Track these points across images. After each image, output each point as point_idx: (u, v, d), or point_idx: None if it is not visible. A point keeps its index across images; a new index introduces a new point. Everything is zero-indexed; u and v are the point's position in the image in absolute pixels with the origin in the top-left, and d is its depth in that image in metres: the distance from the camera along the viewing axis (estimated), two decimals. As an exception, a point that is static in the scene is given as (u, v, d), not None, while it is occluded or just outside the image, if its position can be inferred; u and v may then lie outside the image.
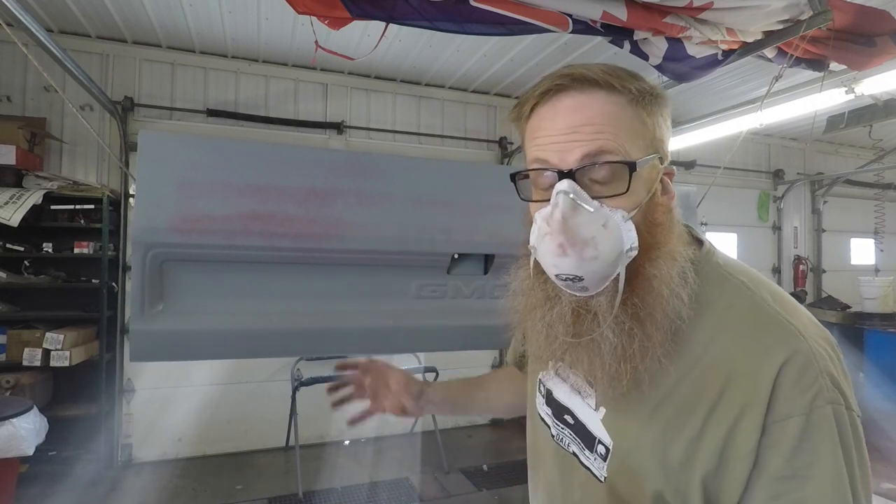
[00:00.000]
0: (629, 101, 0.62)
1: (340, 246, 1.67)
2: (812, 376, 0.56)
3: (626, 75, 0.63)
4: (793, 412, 0.55)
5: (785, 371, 0.56)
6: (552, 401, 0.79)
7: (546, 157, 0.63)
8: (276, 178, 1.62)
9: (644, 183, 0.62)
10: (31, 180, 3.51)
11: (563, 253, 0.60)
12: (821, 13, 2.06)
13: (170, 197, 1.49)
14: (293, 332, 1.68)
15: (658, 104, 0.64)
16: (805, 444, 0.54)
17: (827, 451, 0.54)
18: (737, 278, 0.65)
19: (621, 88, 0.61)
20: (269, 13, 3.51)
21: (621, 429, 0.66)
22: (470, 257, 1.83)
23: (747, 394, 0.57)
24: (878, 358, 5.21)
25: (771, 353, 0.57)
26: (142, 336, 1.50)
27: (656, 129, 0.64)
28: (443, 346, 2.11)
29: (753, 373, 0.57)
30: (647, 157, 0.62)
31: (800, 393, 0.55)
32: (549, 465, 0.79)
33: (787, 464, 0.55)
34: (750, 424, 0.56)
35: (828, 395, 0.55)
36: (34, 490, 3.30)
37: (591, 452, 0.70)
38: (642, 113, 0.63)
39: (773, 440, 0.55)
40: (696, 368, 0.61)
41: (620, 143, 0.60)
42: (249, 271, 1.61)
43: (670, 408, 0.62)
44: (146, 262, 1.48)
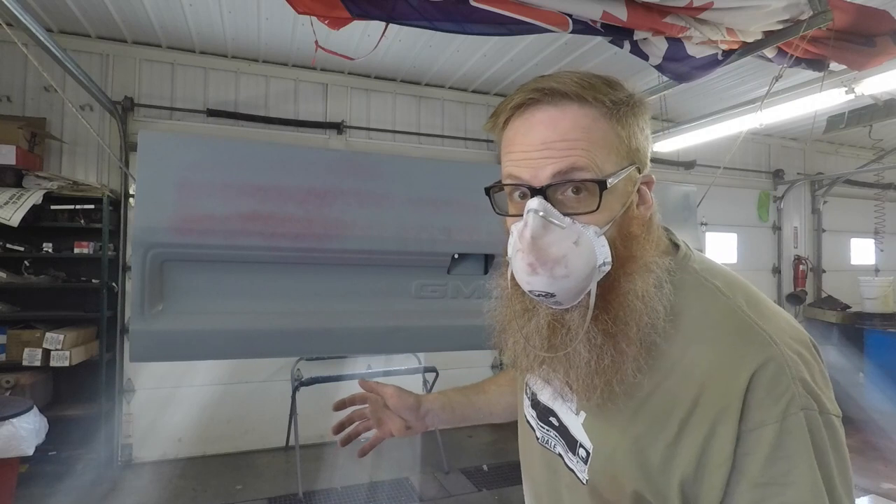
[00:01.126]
0: (602, 114, 0.61)
1: (340, 246, 1.67)
2: (784, 384, 0.56)
3: (601, 86, 0.62)
4: (767, 420, 0.56)
5: (757, 379, 0.57)
6: (537, 404, 0.79)
7: (518, 174, 0.63)
8: (276, 178, 1.62)
9: (618, 197, 0.62)
10: (31, 180, 3.51)
11: (533, 272, 0.61)
12: (821, 13, 2.06)
13: (170, 197, 1.49)
14: (293, 332, 1.68)
15: (635, 114, 0.64)
16: (780, 451, 0.55)
17: (802, 457, 0.55)
18: (712, 283, 0.66)
19: (594, 101, 0.61)
20: (269, 13, 3.51)
21: (601, 433, 0.67)
22: (470, 257, 1.83)
23: (721, 402, 0.57)
24: (878, 358, 5.21)
25: (743, 361, 0.58)
26: (142, 336, 1.50)
27: (632, 139, 0.63)
28: (443, 346, 2.11)
29: (726, 381, 0.58)
30: (621, 170, 0.62)
31: (773, 401, 0.56)
32: (537, 467, 0.80)
33: (765, 471, 0.55)
34: (725, 432, 0.57)
35: (800, 402, 0.56)
36: (34, 490, 3.30)
37: (574, 455, 0.71)
38: (616, 126, 0.62)
39: (749, 448, 0.56)
40: (671, 376, 0.62)
41: (593, 158, 0.60)
42: (249, 271, 1.61)
43: (648, 413, 0.62)
44: (146, 262, 1.48)
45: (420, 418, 1.00)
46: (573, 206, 0.61)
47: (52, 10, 3.51)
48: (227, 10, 3.50)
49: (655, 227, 0.69)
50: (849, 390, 5.09)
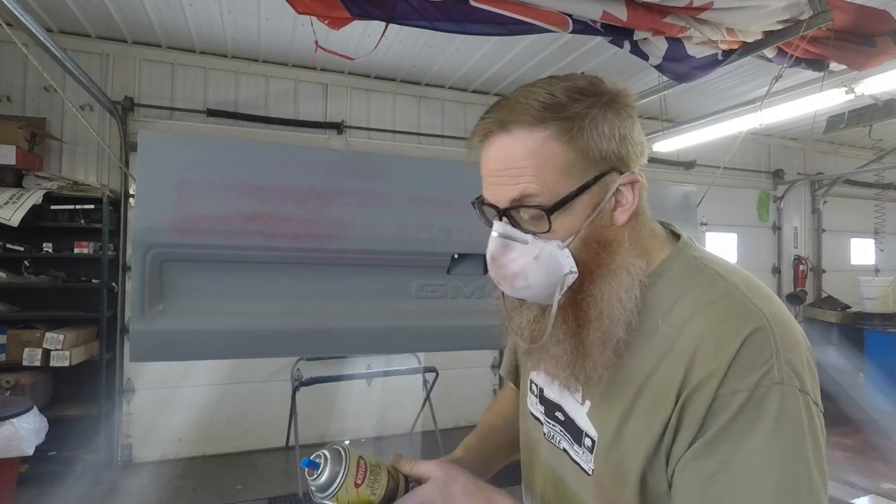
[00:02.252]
0: (555, 134, 0.62)
1: (340, 246, 1.67)
2: (766, 356, 0.58)
3: (562, 102, 0.62)
4: (739, 388, 0.57)
5: (742, 350, 0.58)
6: (544, 399, 0.80)
7: (486, 195, 0.68)
8: (276, 178, 1.62)
9: (581, 210, 0.64)
10: (31, 180, 3.51)
11: (500, 283, 0.69)
12: (821, 13, 2.06)
13: (170, 197, 1.50)
14: (293, 332, 1.68)
15: (606, 119, 0.63)
16: (742, 416, 0.56)
17: (765, 425, 0.56)
18: (710, 268, 0.67)
19: (542, 123, 0.62)
20: (269, 13, 3.51)
21: (605, 420, 0.68)
22: (470, 257, 1.83)
23: (706, 370, 0.59)
24: (878, 358, 5.21)
25: (733, 334, 0.59)
26: (142, 336, 1.50)
27: (599, 149, 0.63)
28: (443, 346, 2.11)
29: (714, 352, 0.59)
30: (585, 185, 0.63)
31: (749, 371, 0.57)
32: (544, 463, 0.80)
33: (722, 431, 0.57)
34: (702, 397, 0.58)
35: (777, 376, 0.57)
36: (34, 490, 3.30)
37: (580, 447, 0.71)
38: (573, 142, 0.62)
39: (716, 411, 0.58)
40: (669, 355, 0.63)
41: (543, 182, 0.62)
42: (249, 271, 1.61)
43: (648, 395, 0.64)
44: (146, 262, 1.48)
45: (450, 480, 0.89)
46: (532, 225, 0.65)
47: (52, 10, 3.51)
48: (227, 10, 3.50)
49: (642, 226, 0.70)
50: (849, 390, 5.09)
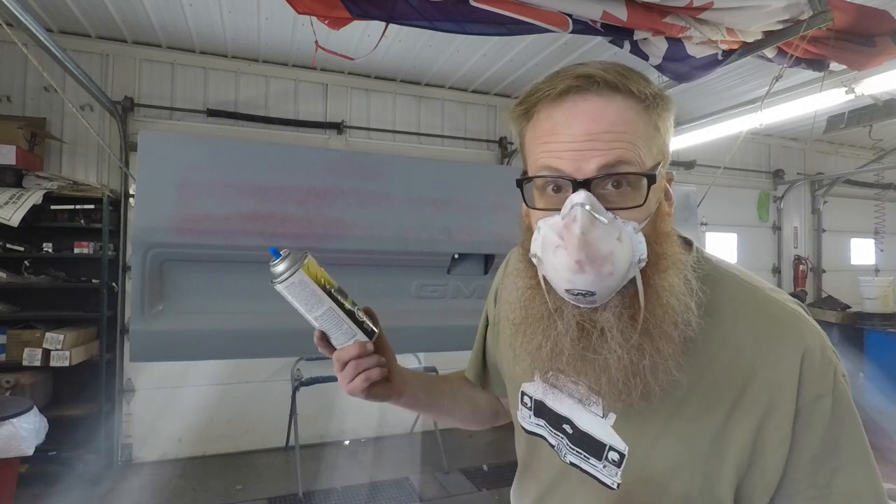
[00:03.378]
0: (645, 107, 0.59)
1: (340, 246, 1.67)
2: (828, 357, 0.61)
3: (640, 78, 0.60)
4: (822, 393, 0.59)
5: (808, 358, 0.59)
6: (545, 411, 0.76)
7: (559, 165, 0.59)
8: (276, 178, 1.62)
9: (655, 192, 0.60)
10: (31, 180, 3.51)
11: (580, 269, 0.56)
12: (821, 13, 2.06)
13: (170, 197, 1.50)
14: (293, 332, 1.68)
15: (668, 108, 0.62)
16: (835, 418, 0.59)
17: (851, 420, 0.60)
18: (732, 273, 0.67)
19: (638, 93, 0.59)
20: (269, 13, 3.51)
21: (636, 434, 0.65)
22: (470, 257, 1.83)
23: (773, 384, 0.59)
24: (878, 358, 5.21)
25: (790, 343, 0.60)
26: (142, 336, 1.50)
27: (666, 134, 0.62)
28: (443, 346, 2.11)
29: (775, 363, 0.60)
30: (657, 165, 0.60)
31: (823, 374, 0.60)
32: (545, 476, 0.77)
33: (823, 440, 0.59)
34: (782, 413, 0.59)
35: (840, 369, 0.61)
36: (34, 490, 3.30)
37: (600, 460, 0.68)
38: (656, 119, 0.60)
39: (808, 422, 0.59)
40: (713, 366, 0.62)
41: (637, 151, 0.58)
42: (249, 271, 1.61)
43: (691, 407, 0.62)
44: (146, 262, 1.48)
45: (400, 378, 0.86)
46: (614, 200, 0.58)
47: (52, 10, 3.51)
48: (227, 10, 3.50)
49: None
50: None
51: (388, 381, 0.81)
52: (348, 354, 0.74)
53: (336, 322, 0.72)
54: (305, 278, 0.68)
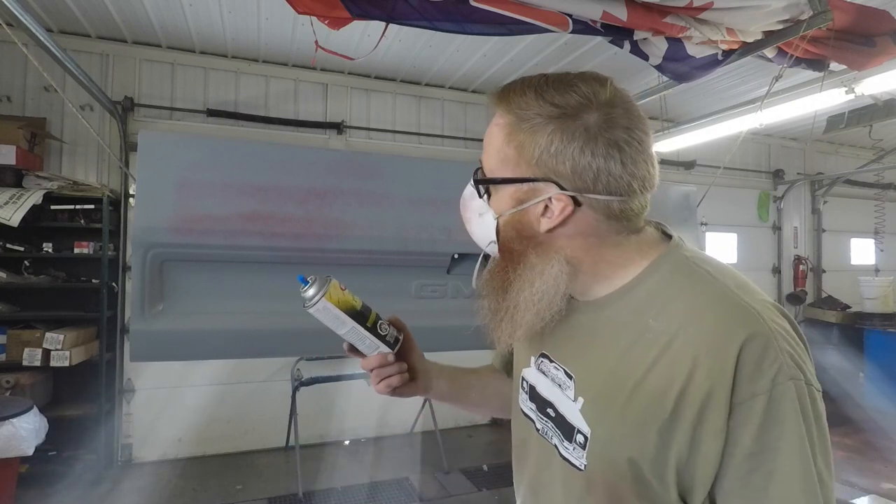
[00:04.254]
0: (503, 125, 0.68)
1: (340, 246, 1.67)
2: (772, 355, 0.59)
3: (528, 96, 0.66)
4: (757, 391, 0.59)
5: (745, 351, 0.59)
6: (536, 396, 0.82)
7: None
8: (276, 178, 1.62)
9: (506, 200, 0.71)
10: (31, 180, 3.51)
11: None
12: (821, 13, 2.06)
13: (170, 197, 1.50)
14: (293, 332, 1.68)
15: (537, 129, 0.65)
16: (770, 419, 0.58)
17: (791, 424, 0.58)
18: (702, 268, 0.68)
19: (504, 112, 0.68)
20: (269, 13, 3.51)
21: (599, 417, 0.69)
22: (470, 257, 1.83)
23: (713, 376, 0.60)
24: (878, 358, 5.21)
25: (733, 335, 0.60)
26: (142, 336, 1.50)
27: (526, 152, 0.66)
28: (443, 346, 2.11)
29: (717, 355, 0.60)
30: (511, 180, 0.69)
31: (762, 372, 0.59)
32: (533, 460, 0.82)
33: (756, 440, 0.59)
34: (717, 405, 0.60)
35: (788, 372, 0.59)
36: (34, 490, 3.30)
37: (570, 443, 0.73)
38: (510, 138, 0.68)
39: (741, 419, 0.59)
40: (665, 356, 0.64)
41: (486, 161, 0.72)
42: (249, 271, 1.62)
43: (644, 394, 0.65)
44: (146, 262, 1.48)
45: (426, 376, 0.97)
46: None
47: (52, 10, 3.51)
48: (227, 10, 3.50)
49: (603, 247, 0.70)
50: (849, 390, 5.09)
51: (413, 381, 0.93)
52: (370, 364, 0.87)
53: (359, 338, 0.84)
54: (328, 305, 0.80)
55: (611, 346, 0.69)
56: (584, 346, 0.73)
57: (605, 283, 0.71)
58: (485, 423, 4.93)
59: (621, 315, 0.69)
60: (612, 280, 0.71)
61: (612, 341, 0.69)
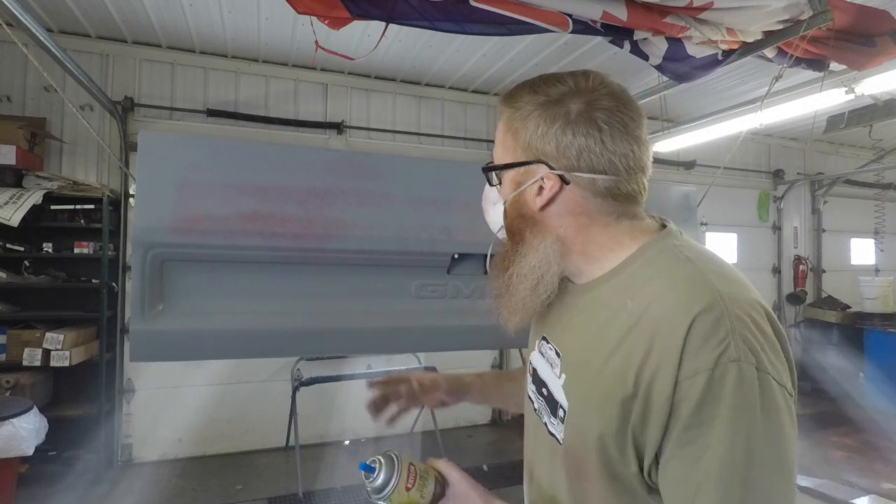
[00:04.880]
0: (505, 118, 0.77)
1: (340, 246, 1.67)
2: (721, 335, 0.60)
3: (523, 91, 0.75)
4: (699, 368, 0.59)
5: (695, 327, 0.60)
6: (536, 378, 0.85)
7: None
8: (276, 178, 1.62)
9: (509, 184, 0.78)
10: (31, 180, 3.51)
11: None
12: (821, 13, 2.06)
13: (170, 197, 1.50)
14: (293, 332, 1.68)
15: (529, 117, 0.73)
16: (708, 396, 0.58)
17: (726, 405, 0.58)
18: (684, 254, 0.70)
19: (507, 107, 0.76)
20: (269, 13, 3.51)
21: (576, 391, 0.73)
22: (470, 257, 1.83)
23: (663, 350, 0.61)
24: (878, 358, 5.21)
25: (686, 312, 0.61)
26: (142, 336, 1.50)
27: (520, 139, 0.74)
28: (443, 346, 2.11)
29: (670, 330, 0.62)
30: (512, 164, 0.76)
31: (708, 350, 0.59)
32: (531, 438, 0.86)
33: (695, 415, 0.59)
34: (664, 377, 0.61)
35: (734, 354, 0.59)
36: (34, 490, 3.30)
37: (555, 418, 0.76)
38: (515, 125, 0.75)
39: (683, 395, 0.60)
40: (631, 333, 0.66)
41: (495, 151, 0.80)
42: (249, 271, 1.61)
43: (611, 371, 0.67)
44: (146, 262, 1.48)
45: (457, 399, 1.13)
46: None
47: (52, 10, 3.51)
48: (227, 10, 3.50)
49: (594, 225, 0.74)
50: (849, 390, 5.09)
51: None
52: None
53: None
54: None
55: (591, 324, 0.72)
56: (570, 325, 0.78)
57: (595, 265, 0.74)
58: (485, 423, 4.94)
59: (605, 295, 0.72)
60: (601, 262, 0.74)
61: (593, 320, 0.72)
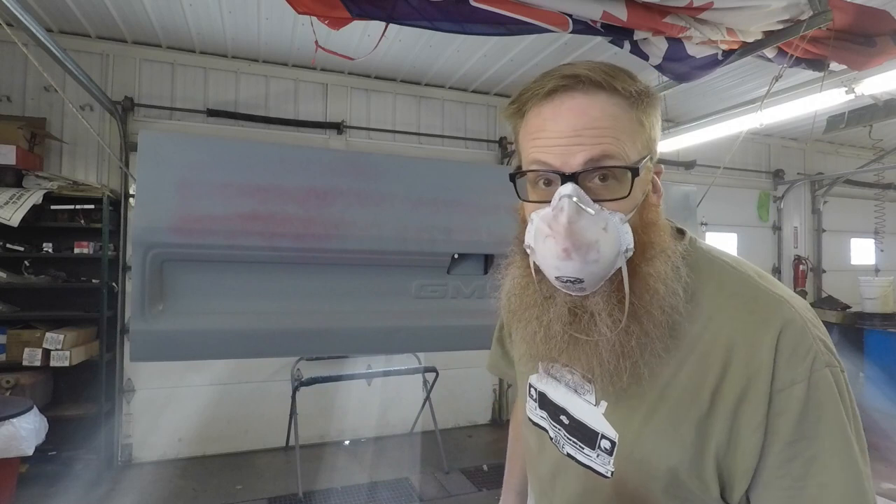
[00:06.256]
0: (630, 103, 0.63)
1: (340, 246, 1.67)
2: (808, 342, 0.59)
3: (625, 76, 0.64)
4: (796, 379, 0.58)
5: (782, 339, 0.59)
6: (547, 403, 0.78)
7: (547, 160, 0.63)
8: (276, 178, 1.62)
9: (641, 185, 0.64)
10: (31, 180, 3.51)
11: (567, 257, 0.60)
12: (821, 13, 2.06)
13: (170, 197, 1.50)
14: (293, 332, 1.68)
15: (653, 105, 0.65)
16: (810, 406, 0.57)
17: (831, 409, 0.57)
18: (721, 259, 0.68)
19: (623, 91, 0.62)
20: (269, 13, 3.51)
21: (625, 420, 0.67)
22: (470, 257, 1.83)
23: (750, 366, 0.59)
24: (878, 358, 5.21)
25: (767, 324, 0.60)
26: (142, 336, 1.50)
27: (652, 129, 0.65)
28: (443, 346, 2.11)
29: (752, 345, 0.59)
30: (642, 159, 0.64)
31: (799, 360, 0.58)
32: (547, 469, 0.78)
33: (797, 428, 0.57)
34: (757, 396, 0.58)
35: (824, 359, 0.59)
36: (34, 490, 3.30)
37: (593, 449, 0.69)
38: (641, 115, 0.64)
39: (781, 408, 0.58)
40: (695, 350, 0.63)
41: (622, 146, 0.61)
42: (249, 271, 1.62)
43: (675, 392, 0.63)
44: (146, 262, 1.48)
45: None
46: (601, 192, 0.62)
47: (52, 10, 3.51)
48: (227, 10, 3.50)
49: (663, 215, 0.70)
50: (849, 390, 5.08)
51: None
52: None
53: None
54: None
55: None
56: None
57: None
58: (485, 423, 4.94)
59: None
60: None
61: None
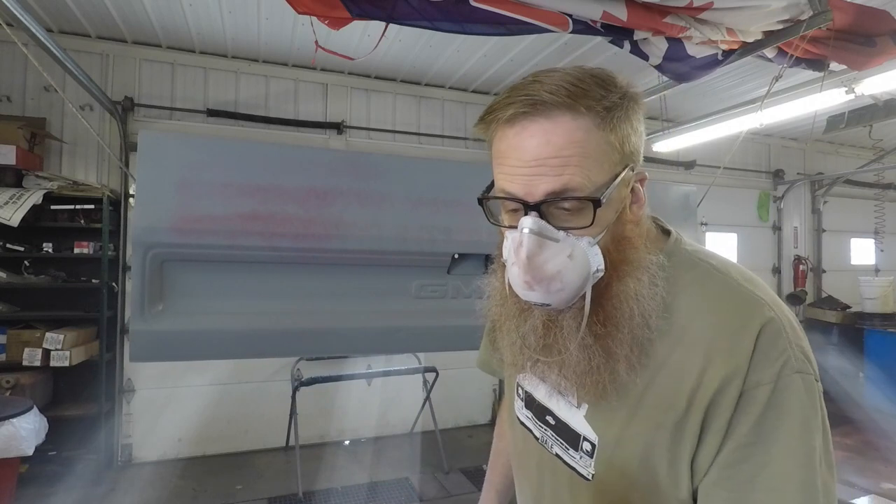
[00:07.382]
0: (596, 124, 0.59)
1: (340, 246, 1.67)
2: (781, 346, 0.58)
3: (594, 90, 0.59)
4: (762, 380, 0.57)
5: (759, 345, 0.58)
6: (532, 403, 0.78)
7: (512, 190, 0.61)
8: (276, 178, 1.62)
9: (612, 205, 0.62)
10: (31, 180, 3.51)
11: (529, 288, 0.61)
12: (821, 13, 2.06)
13: (170, 197, 1.50)
14: (293, 332, 1.68)
15: (628, 115, 0.61)
16: (770, 410, 0.56)
17: (795, 417, 0.56)
18: (706, 262, 0.67)
19: (587, 111, 0.58)
20: (269, 13, 3.51)
21: (606, 423, 0.66)
22: (470, 257, 1.83)
23: (726, 369, 0.58)
24: (878, 358, 5.21)
25: (746, 328, 0.59)
26: (142, 336, 1.50)
27: (625, 143, 0.61)
28: (443, 346, 2.11)
29: (730, 349, 0.59)
30: (614, 179, 0.60)
31: (770, 362, 0.57)
32: (535, 469, 0.78)
33: (753, 430, 0.56)
34: (728, 398, 0.58)
35: (796, 365, 0.57)
36: (34, 490, 3.30)
37: (576, 451, 0.70)
38: (610, 134, 0.60)
39: (742, 408, 0.57)
40: (675, 352, 0.62)
41: (587, 174, 0.58)
42: (249, 271, 1.62)
43: (654, 394, 0.62)
44: (146, 262, 1.48)
45: None
46: (566, 219, 0.60)
47: (52, 10, 3.51)
48: (227, 10, 3.50)
49: (645, 223, 0.69)
50: (849, 390, 5.09)
51: None
52: None
53: None
54: None
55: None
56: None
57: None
58: (485, 423, 4.93)
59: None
60: None
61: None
